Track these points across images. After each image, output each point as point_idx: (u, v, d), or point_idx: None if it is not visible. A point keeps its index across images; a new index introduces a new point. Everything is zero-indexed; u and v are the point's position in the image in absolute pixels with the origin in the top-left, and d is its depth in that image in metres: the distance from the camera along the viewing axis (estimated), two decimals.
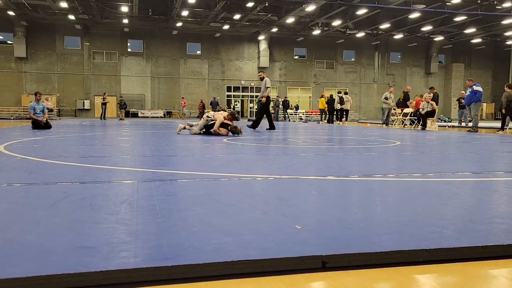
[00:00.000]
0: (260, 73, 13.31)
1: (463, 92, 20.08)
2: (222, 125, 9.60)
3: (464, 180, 3.62)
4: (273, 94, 39.31)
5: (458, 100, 19.94)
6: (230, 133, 9.62)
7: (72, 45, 36.03)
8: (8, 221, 2.09)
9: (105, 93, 27.89)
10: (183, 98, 34.20)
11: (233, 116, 9.96)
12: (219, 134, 9.44)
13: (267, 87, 12.69)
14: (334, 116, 23.74)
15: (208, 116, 9.88)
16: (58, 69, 35.78)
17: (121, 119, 27.31)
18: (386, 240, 1.80)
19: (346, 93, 23.51)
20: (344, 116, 23.23)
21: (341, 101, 22.69)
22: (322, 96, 26.01)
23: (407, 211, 2.38)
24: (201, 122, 9.95)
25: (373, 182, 3.42)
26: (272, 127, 13.16)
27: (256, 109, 29.89)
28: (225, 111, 13.04)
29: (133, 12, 31.66)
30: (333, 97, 23.32)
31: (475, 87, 13.62)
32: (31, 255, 1.56)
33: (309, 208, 2.47)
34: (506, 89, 14.51)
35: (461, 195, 2.96)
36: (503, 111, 14.23)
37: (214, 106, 31.15)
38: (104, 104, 26.32)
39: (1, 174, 3.63)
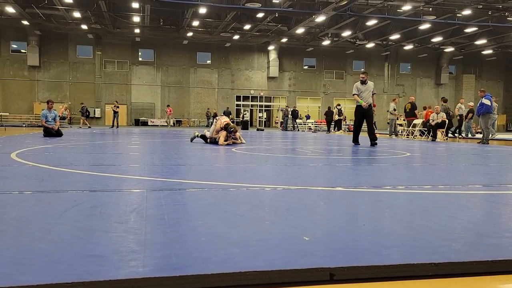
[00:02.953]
0: (362, 75, 10.62)
1: (460, 105, 20.13)
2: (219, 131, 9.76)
3: (474, 193, 3.59)
4: (282, 104, 39.53)
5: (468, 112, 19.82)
6: (229, 134, 9.72)
7: (84, 54, 36.53)
8: (19, 229, 2.11)
9: (116, 101, 27.70)
10: (168, 106, 32.70)
11: (226, 128, 9.83)
12: (224, 142, 9.49)
13: (373, 93, 10.64)
14: (332, 126, 26.26)
15: (215, 119, 10.34)
16: (70, 77, 36.26)
17: (80, 127, 24.19)
18: (395, 253, 1.79)
19: (339, 105, 26.80)
20: (336, 126, 26.03)
21: (340, 113, 25.48)
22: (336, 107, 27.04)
23: (416, 224, 2.36)
24: (212, 128, 9.99)
25: (382, 194, 3.40)
26: (374, 139, 10.50)
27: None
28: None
29: (144, 22, 32.05)
30: (331, 109, 26.08)
31: (483, 100, 13.38)
32: (41, 263, 1.58)
33: (317, 219, 2.46)
34: (442, 103, 17.66)
35: (471, 208, 2.93)
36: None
37: (227, 115, 31.49)
38: (115, 112, 26.02)
39: (13, 182, 3.67)
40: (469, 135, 19.40)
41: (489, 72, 44.37)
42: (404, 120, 19.39)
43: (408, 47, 38.58)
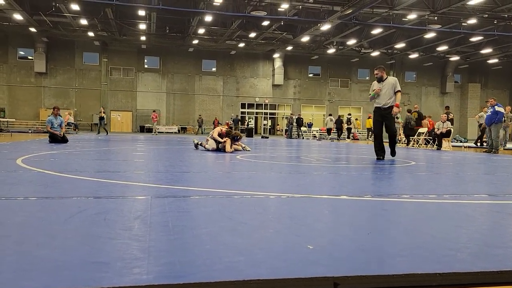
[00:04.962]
0: (376, 71, 8.62)
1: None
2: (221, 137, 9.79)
3: (480, 203, 3.57)
4: (287, 112, 39.54)
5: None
6: (235, 143, 9.89)
7: (91, 61, 36.81)
8: (24, 234, 2.12)
9: (102, 107, 27.25)
10: (154, 111, 30.91)
11: (227, 134, 9.92)
12: (225, 149, 9.51)
13: (398, 91, 8.38)
14: (342, 133, 28.17)
15: (208, 133, 10.44)
16: (76, 84, 36.51)
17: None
18: (399, 262, 1.78)
19: (349, 114, 28.95)
20: (347, 133, 28.21)
21: (348, 122, 27.10)
22: (369, 117, 27.78)
23: (421, 233, 2.35)
24: (210, 142, 9.98)
25: (386, 203, 3.39)
26: (393, 152, 8.82)
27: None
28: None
29: (150, 29, 32.27)
30: (341, 118, 28.13)
31: (497, 108, 13.23)
32: (45, 269, 1.58)
33: (321, 228, 2.45)
34: (407, 113, 19.07)
35: (476, 218, 2.91)
36: (403, 129, 19.26)
37: (236, 123, 31.85)
38: (102, 118, 25.20)
39: (18, 188, 3.69)
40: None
41: (495, 81, 44.24)
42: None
43: (413, 55, 38.58)
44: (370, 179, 5.13)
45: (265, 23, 29.34)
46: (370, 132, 28.23)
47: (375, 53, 37.41)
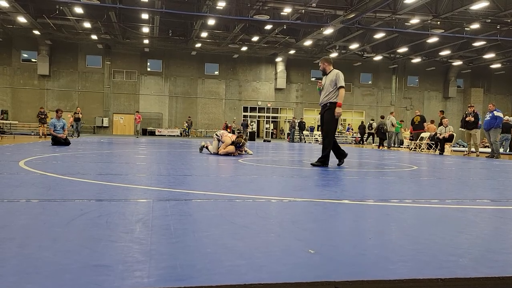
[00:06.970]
0: (320, 63, 7.60)
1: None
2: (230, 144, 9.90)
3: (482, 208, 3.56)
4: (289, 115, 39.54)
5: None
6: (238, 149, 9.97)
7: (94, 64, 36.95)
8: (26, 237, 2.13)
9: (78, 107, 25.92)
10: (137, 112, 30.03)
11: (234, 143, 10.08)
12: (227, 154, 9.60)
13: (339, 87, 7.18)
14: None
15: (217, 134, 10.27)
16: (79, 87, 36.63)
17: (41, 136, 20.03)
18: (401, 267, 1.77)
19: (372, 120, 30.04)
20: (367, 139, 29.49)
21: (370, 127, 28.37)
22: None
23: (422, 238, 2.34)
24: (215, 143, 10.09)
25: (388, 207, 3.38)
26: (341, 158, 7.88)
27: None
28: (234, 133, 12.16)
29: (153, 32, 32.38)
30: (364, 123, 30.14)
31: (495, 113, 13.47)
32: (47, 272, 1.58)
33: (323, 232, 2.45)
34: (380, 119, 20.74)
35: (478, 223, 2.90)
36: (376, 133, 21.00)
37: (245, 127, 32.05)
38: (77, 120, 23.46)
39: (21, 190, 3.70)
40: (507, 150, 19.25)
41: (498, 86, 44.20)
42: (411, 132, 19.35)
43: (416, 60, 38.59)
44: (372, 184, 5.13)
45: (268, 27, 29.42)
46: (365, 136, 29.01)
47: (378, 58, 37.44)
